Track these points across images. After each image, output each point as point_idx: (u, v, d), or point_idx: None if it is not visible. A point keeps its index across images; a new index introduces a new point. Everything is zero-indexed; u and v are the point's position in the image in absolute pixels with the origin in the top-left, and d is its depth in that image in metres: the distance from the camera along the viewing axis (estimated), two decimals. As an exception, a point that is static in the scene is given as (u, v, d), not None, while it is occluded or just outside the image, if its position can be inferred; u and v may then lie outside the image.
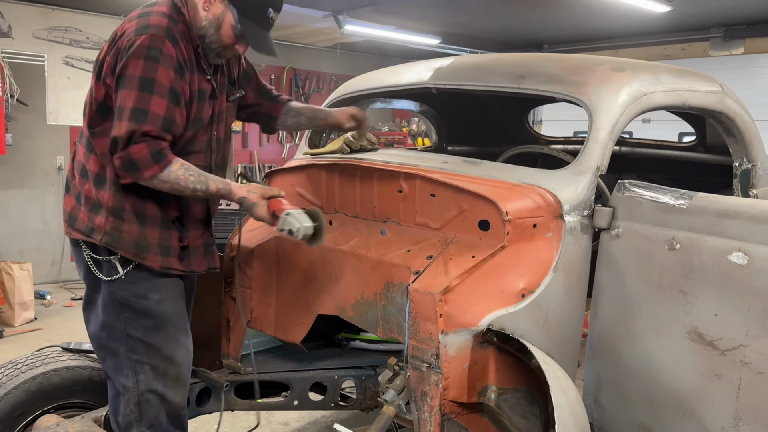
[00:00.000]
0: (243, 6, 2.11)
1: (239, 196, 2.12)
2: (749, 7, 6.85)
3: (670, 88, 2.38)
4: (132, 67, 1.97)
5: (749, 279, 1.74)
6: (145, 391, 2.14)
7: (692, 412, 1.88)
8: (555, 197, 2.10)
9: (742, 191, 2.81)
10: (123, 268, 2.11)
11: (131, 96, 1.96)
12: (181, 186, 2.03)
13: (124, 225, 2.09)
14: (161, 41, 1.99)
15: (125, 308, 2.13)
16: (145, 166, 1.97)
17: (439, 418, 1.95)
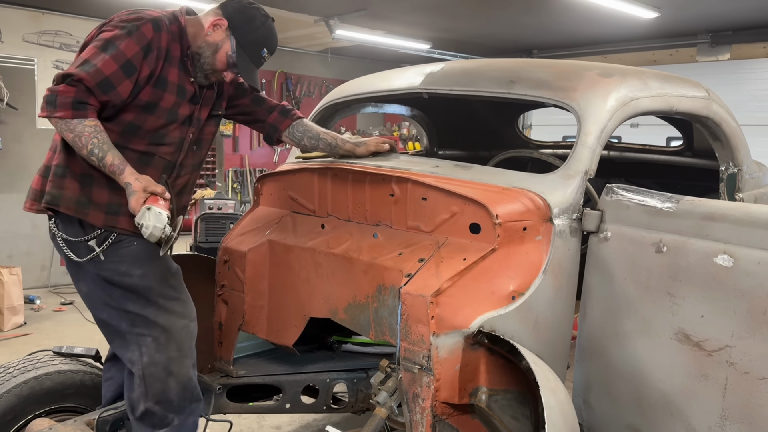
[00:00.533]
0: (243, 39, 2.28)
1: (126, 180, 2.09)
2: (735, 14, 6.95)
3: (657, 93, 2.42)
4: (106, 33, 2.10)
5: (735, 281, 1.77)
6: (149, 364, 2.18)
7: (680, 412, 1.91)
8: (544, 201, 2.12)
9: (728, 195, 2.85)
10: (98, 246, 2.14)
11: (90, 51, 2.05)
12: (81, 142, 2.04)
13: (65, 182, 2.13)
14: (143, 22, 2.11)
15: (113, 287, 2.18)
16: (62, 107, 1.99)
17: (430, 420, 1.97)
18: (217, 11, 2.31)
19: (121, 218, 2.17)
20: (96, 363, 2.72)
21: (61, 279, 7.50)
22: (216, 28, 2.27)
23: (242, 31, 2.28)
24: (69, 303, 6.63)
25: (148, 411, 2.20)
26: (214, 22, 2.27)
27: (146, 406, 2.19)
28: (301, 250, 2.50)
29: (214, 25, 2.27)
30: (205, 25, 2.27)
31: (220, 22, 2.27)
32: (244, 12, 2.31)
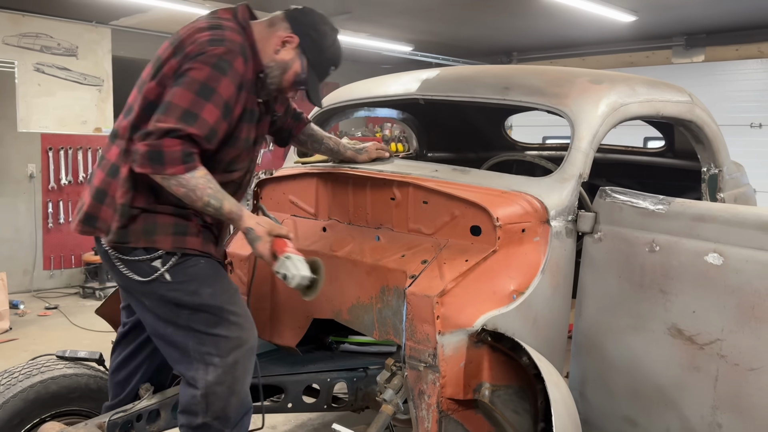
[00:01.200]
0: (315, 59, 2.16)
1: (247, 225, 2.05)
2: (709, 17, 7.15)
3: (644, 99, 2.53)
4: (197, 71, 1.94)
5: (724, 278, 1.88)
6: (214, 384, 2.08)
7: (673, 403, 2.02)
8: (542, 203, 2.22)
9: (710, 195, 2.98)
10: (163, 266, 2.06)
11: (186, 97, 1.92)
12: (195, 195, 1.96)
13: (132, 219, 2.06)
14: (235, 56, 1.99)
15: (182, 307, 2.08)
16: (172, 163, 1.89)
17: (436, 415, 2.05)
18: (286, 24, 2.15)
19: (189, 239, 2.10)
20: (99, 366, 2.75)
21: (44, 283, 7.45)
22: (285, 45, 2.12)
23: (315, 50, 2.15)
24: (53, 308, 6.59)
25: (206, 425, 2.13)
26: (285, 38, 2.13)
27: (205, 420, 2.11)
28: (304, 253, 2.56)
29: (284, 41, 2.12)
30: (273, 40, 2.12)
31: (290, 39, 2.13)
32: (317, 29, 2.16)
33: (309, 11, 2.20)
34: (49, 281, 7.49)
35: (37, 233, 7.36)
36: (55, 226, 7.47)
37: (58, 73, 7.40)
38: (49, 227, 7.42)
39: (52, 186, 7.39)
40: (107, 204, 2.08)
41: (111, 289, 7.16)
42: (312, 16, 2.19)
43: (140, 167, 1.93)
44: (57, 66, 7.39)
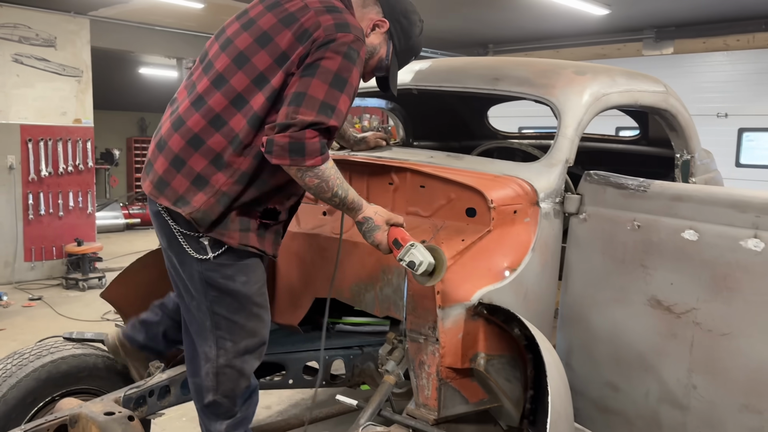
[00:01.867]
0: (402, 47, 2.17)
1: (366, 214, 2.08)
2: (678, 11, 7.42)
3: (624, 89, 2.71)
4: (329, 60, 1.92)
5: (700, 252, 2.07)
6: (224, 365, 2.15)
7: (653, 368, 2.20)
8: (532, 187, 2.38)
9: (683, 180, 3.19)
10: (212, 251, 2.07)
11: (322, 88, 1.90)
12: (327, 186, 1.98)
13: (219, 208, 2.03)
14: (361, 44, 1.98)
15: (212, 287, 2.11)
16: (312, 154, 1.90)
17: (436, 383, 2.21)
18: (378, 8, 2.13)
19: (251, 235, 2.11)
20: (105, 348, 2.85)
21: (25, 275, 7.43)
22: (376, 29, 2.12)
23: (403, 38, 2.15)
24: (37, 298, 6.60)
25: (216, 402, 2.20)
26: (376, 21, 2.12)
27: (214, 398, 2.19)
28: (306, 236, 2.69)
29: (376, 25, 2.12)
30: (365, 22, 2.10)
31: (381, 24, 2.13)
32: (407, 16, 2.15)
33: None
34: (30, 273, 7.48)
35: (17, 225, 7.33)
36: (36, 217, 7.45)
37: (36, 64, 7.37)
38: (30, 219, 7.40)
39: (32, 177, 7.37)
40: (183, 174, 2.03)
41: (94, 280, 7.19)
42: (404, 3, 2.17)
43: (278, 159, 1.91)
44: (35, 57, 7.35)
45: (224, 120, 2.01)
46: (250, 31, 2.05)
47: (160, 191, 2.06)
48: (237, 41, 2.06)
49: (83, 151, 7.75)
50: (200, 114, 2.03)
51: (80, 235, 7.59)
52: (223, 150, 2.01)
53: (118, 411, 2.23)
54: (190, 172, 2.03)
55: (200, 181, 2.02)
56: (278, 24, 2.00)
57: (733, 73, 7.80)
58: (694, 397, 2.12)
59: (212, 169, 2.02)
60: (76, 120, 7.72)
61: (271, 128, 1.92)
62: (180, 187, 2.03)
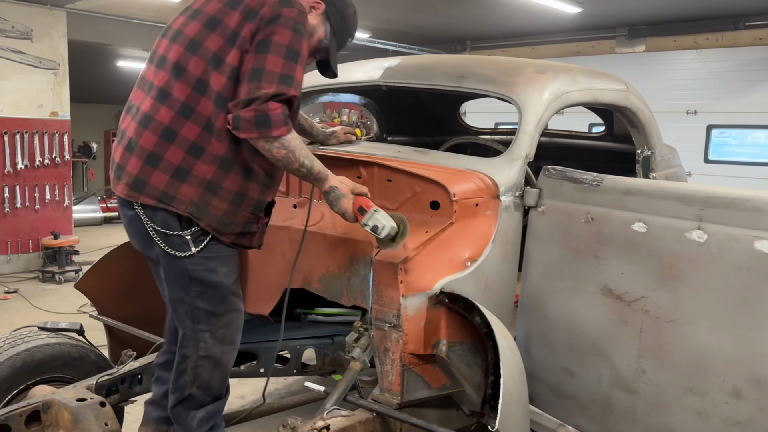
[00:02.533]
0: (338, 27, 2.27)
1: (332, 184, 2.16)
2: (650, 9, 7.57)
3: (584, 87, 2.81)
4: (279, 35, 2.00)
5: (648, 243, 2.18)
6: (203, 357, 2.19)
7: (605, 354, 2.31)
8: (493, 181, 2.48)
9: (643, 175, 3.31)
10: (195, 246, 2.09)
11: (278, 62, 1.98)
12: (294, 156, 2.03)
13: (214, 200, 2.07)
14: (305, 17, 2.08)
15: (195, 282, 2.14)
16: (277, 125, 1.96)
17: (399, 369, 2.30)
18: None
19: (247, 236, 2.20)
20: (80, 337, 2.91)
21: (2, 268, 7.42)
22: (312, 11, 2.20)
23: (339, 18, 2.25)
24: (13, 291, 6.60)
25: (191, 396, 2.22)
26: (312, 4, 2.21)
27: (190, 392, 2.21)
28: (277, 228, 2.76)
29: (312, 7, 2.20)
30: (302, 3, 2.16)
31: (317, 5, 2.22)
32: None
33: None
34: (6, 266, 7.46)
35: (-7, 218, 7.31)
36: (12, 210, 7.42)
37: (12, 57, 7.33)
38: (6, 212, 7.37)
39: (8, 170, 7.34)
40: (162, 169, 2.05)
41: (70, 273, 7.19)
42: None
43: (245, 132, 1.97)
44: (11, 49, 7.31)
45: (192, 107, 2.05)
46: (198, 19, 2.11)
47: (139, 191, 2.07)
48: (186, 30, 2.12)
49: (60, 144, 7.73)
50: (167, 106, 2.06)
51: (57, 229, 7.57)
52: (198, 137, 2.05)
53: (90, 397, 2.29)
54: (168, 165, 2.04)
55: (181, 173, 2.05)
56: (224, 7, 2.08)
57: (703, 71, 7.97)
58: (643, 381, 2.23)
59: (191, 159, 2.05)
60: (53, 113, 7.69)
61: (235, 105, 1.98)
62: (160, 182, 2.05)
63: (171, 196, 2.05)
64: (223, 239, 2.14)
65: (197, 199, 2.06)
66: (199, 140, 2.05)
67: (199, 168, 2.05)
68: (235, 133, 1.99)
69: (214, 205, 2.08)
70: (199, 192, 2.05)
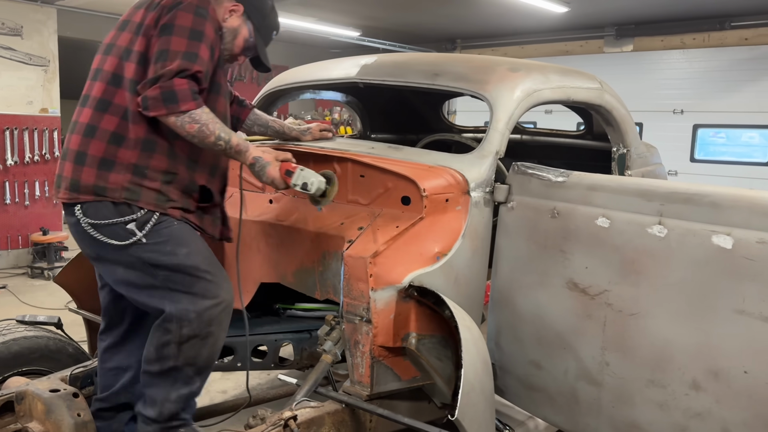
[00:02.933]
0: (260, 23, 2.38)
1: (255, 155, 2.21)
2: (637, 9, 7.62)
3: (556, 85, 2.85)
4: (181, 18, 2.09)
5: (611, 238, 2.22)
6: (189, 336, 2.16)
7: (570, 347, 2.35)
8: (463, 177, 2.52)
9: (619, 173, 3.35)
10: (140, 231, 2.12)
11: (182, 42, 2.07)
12: (208, 130, 2.08)
13: (144, 181, 2.13)
14: (207, 3, 2.17)
15: (158, 267, 2.14)
16: (184, 99, 2.02)
17: (369, 361, 2.34)
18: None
19: (190, 215, 2.25)
20: (58, 330, 2.94)
21: (-15, 264, 7.43)
22: (232, 14, 2.31)
23: (258, 15, 2.36)
24: (2, 287, 6.61)
25: (176, 368, 2.19)
26: (231, 7, 2.31)
27: (176, 364, 2.18)
28: (252, 223, 2.80)
29: (231, 10, 2.31)
30: (221, 11, 2.28)
31: (236, 8, 2.32)
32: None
33: None
34: (-15, 262, 7.47)
35: (-18, 214, 7.33)
36: (1, 206, 7.43)
37: (2, 53, 7.33)
38: (-5, 208, 7.39)
39: (-2, 166, 7.36)
40: (89, 164, 2.13)
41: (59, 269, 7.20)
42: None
43: (154, 110, 2.03)
44: (1, 46, 7.31)
45: (109, 101, 2.16)
46: (115, 27, 2.29)
47: (75, 191, 2.15)
48: (106, 41, 2.29)
49: (50, 141, 7.74)
50: (88, 107, 2.19)
51: (46, 225, 7.59)
52: (117, 126, 2.14)
53: (63, 388, 2.33)
54: (93, 159, 2.14)
55: (106, 163, 2.13)
56: (133, 9, 2.25)
57: (690, 71, 8.02)
58: (607, 374, 2.28)
59: (114, 148, 2.13)
60: (43, 109, 7.70)
61: (143, 86, 2.06)
62: (89, 178, 2.13)
63: (102, 186, 2.12)
64: (171, 213, 2.17)
65: (127, 184, 2.13)
66: (119, 129, 2.14)
67: (122, 155, 2.13)
68: (145, 113, 2.06)
69: (146, 186, 2.14)
70: (127, 177, 2.13)
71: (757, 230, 1.91)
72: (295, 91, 3.45)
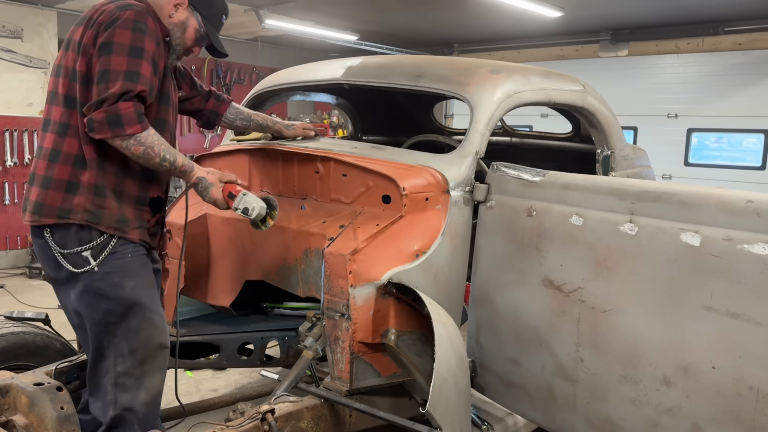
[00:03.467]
0: (207, 12, 2.39)
1: (198, 175, 2.26)
2: (632, 14, 7.66)
3: (537, 87, 2.89)
4: (120, 36, 2.10)
5: (584, 236, 2.26)
6: (122, 374, 2.22)
7: (546, 343, 2.39)
8: (443, 176, 2.56)
9: (603, 174, 3.38)
10: (95, 260, 2.18)
11: (122, 61, 2.08)
12: (153, 152, 2.13)
13: (105, 201, 2.19)
14: (145, 17, 2.17)
15: (102, 298, 2.20)
16: (129, 123, 2.06)
17: (349, 357, 2.38)
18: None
19: (143, 231, 2.30)
20: (45, 327, 2.98)
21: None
22: (178, 8, 2.32)
23: (205, 5, 2.37)
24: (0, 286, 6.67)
25: (117, 417, 2.23)
26: (175, 2, 2.32)
27: (115, 413, 2.22)
28: (237, 221, 2.84)
29: (176, 5, 2.32)
30: (166, 7, 2.30)
31: (180, 2, 2.32)
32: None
33: None
34: (-9, 272, 7.52)
35: (-19, 214, 7.39)
36: (1, 207, 7.50)
37: (3, 56, 7.42)
38: (-6, 208, 7.45)
39: (-3, 167, 7.42)
40: (54, 188, 2.19)
41: (57, 269, 7.24)
42: None
43: (100, 134, 2.07)
44: (2, 48, 7.40)
45: (66, 123, 2.20)
46: (63, 47, 2.28)
47: (40, 214, 2.20)
48: (56, 62, 2.31)
49: (49, 143, 7.80)
50: (50, 132, 2.24)
51: (45, 226, 7.64)
52: (78, 149, 2.19)
53: (47, 382, 2.36)
54: (58, 183, 2.19)
55: (70, 186, 2.19)
56: (75, 27, 2.25)
57: (684, 75, 8.05)
58: (581, 370, 2.31)
59: (76, 171, 2.19)
60: (42, 111, 7.77)
61: (88, 108, 2.09)
62: (55, 200, 2.18)
63: (66, 209, 2.18)
64: (130, 237, 2.24)
65: (89, 205, 2.18)
66: (80, 151, 2.19)
67: (83, 176, 2.18)
68: (91, 135, 2.10)
69: (106, 207, 2.20)
70: (89, 198, 2.18)
71: (724, 228, 1.94)
72: (284, 92, 3.50)
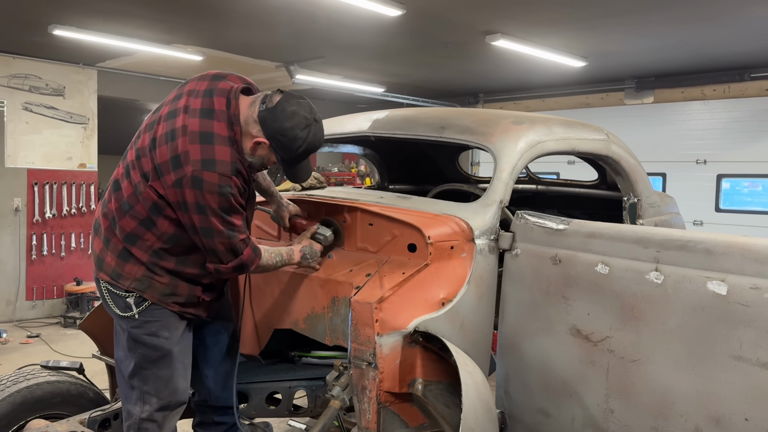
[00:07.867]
0: (286, 156, 2.37)
1: (298, 256, 2.60)
2: (656, 62, 7.72)
3: (560, 137, 2.94)
4: (210, 201, 2.22)
5: (610, 284, 2.25)
6: (146, 419, 2.41)
7: (576, 393, 2.36)
8: (468, 225, 2.59)
9: (630, 221, 3.38)
10: (137, 307, 2.38)
11: (220, 221, 2.25)
12: (270, 266, 2.50)
13: (156, 276, 2.38)
14: (229, 179, 2.24)
15: (139, 344, 2.40)
16: (251, 263, 2.40)
17: (376, 407, 2.37)
18: (258, 127, 2.30)
19: (190, 308, 2.49)
20: (80, 375, 3.04)
21: (26, 314, 7.66)
22: (257, 148, 2.34)
23: (285, 151, 2.34)
24: (35, 336, 6.81)
25: None
26: (256, 140, 2.32)
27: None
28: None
29: (256, 144, 2.33)
30: (248, 141, 2.32)
31: (261, 142, 2.32)
32: (285, 134, 2.29)
33: (279, 113, 2.28)
34: (31, 311, 7.70)
35: (20, 265, 7.60)
36: (39, 257, 7.72)
37: (45, 112, 7.76)
38: (33, 259, 7.67)
39: (37, 219, 7.67)
40: (111, 249, 2.40)
41: (91, 318, 7.38)
42: (280, 121, 2.28)
43: (228, 276, 2.46)
44: (45, 105, 7.75)
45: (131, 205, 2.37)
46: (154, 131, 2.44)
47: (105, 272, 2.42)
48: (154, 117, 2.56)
49: (87, 194, 8.07)
50: (117, 200, 2.41)
51: (81, 275, 7.83)
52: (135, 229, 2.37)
53: (81, 430, 2.41)
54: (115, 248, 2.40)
55: (124, 253, 2.38)
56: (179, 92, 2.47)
57: (711, 121, 8.03)
58: (612, 421, 2.27)
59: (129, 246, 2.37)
60: (81, 164, 8.06)
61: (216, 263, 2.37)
62: (112, 261, 2.40)
63: (118, 273, 2.38)
64: (169, 308, 2.42)
65: (142, 276, 2.38)
66: (137, 232, 2.36)
67: (135, 252, 2.36)
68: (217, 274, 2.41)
69: (156, 280, 2.39)
70: (141, 270, 2.37)
71: (751, 276, 1.93)
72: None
